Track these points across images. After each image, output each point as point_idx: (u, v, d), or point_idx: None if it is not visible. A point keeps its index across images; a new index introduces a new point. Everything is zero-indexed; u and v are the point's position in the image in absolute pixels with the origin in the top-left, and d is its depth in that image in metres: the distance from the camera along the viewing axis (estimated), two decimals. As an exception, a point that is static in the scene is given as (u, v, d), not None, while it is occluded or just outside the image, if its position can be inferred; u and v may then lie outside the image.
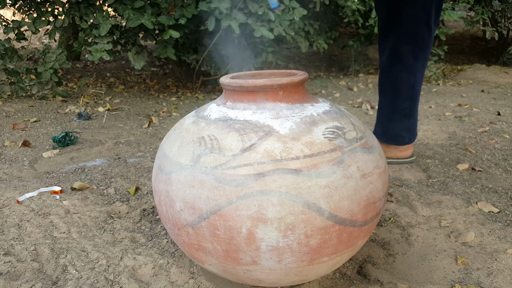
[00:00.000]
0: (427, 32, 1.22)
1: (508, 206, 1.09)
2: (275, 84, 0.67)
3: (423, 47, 1.24)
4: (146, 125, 1.94)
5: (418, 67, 1.26)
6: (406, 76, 1.27)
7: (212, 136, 0.64)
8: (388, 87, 1.32)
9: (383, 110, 1.36)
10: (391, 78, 1.29)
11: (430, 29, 1.22)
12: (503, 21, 3.76)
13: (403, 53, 1.24)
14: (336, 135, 0.65)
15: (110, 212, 1.07)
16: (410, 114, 1.32)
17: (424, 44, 1.23)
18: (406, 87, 1.28)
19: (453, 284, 0.79)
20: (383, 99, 1.35)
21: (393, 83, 1.30)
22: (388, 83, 1.31)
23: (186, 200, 0.63)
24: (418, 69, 1.26)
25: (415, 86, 1.28)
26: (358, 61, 3.69)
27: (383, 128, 1.36)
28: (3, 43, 2.28)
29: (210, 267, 0.69)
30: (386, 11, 1.25)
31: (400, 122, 1.33)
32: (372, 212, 0.66)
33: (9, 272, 0.81)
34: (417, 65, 1.26)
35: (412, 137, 1.36)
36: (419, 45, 1.23)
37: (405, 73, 1.26)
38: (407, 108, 1.31)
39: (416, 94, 1.30)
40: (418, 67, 1.26)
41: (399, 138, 1.35)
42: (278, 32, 2.39)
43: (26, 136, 1.71)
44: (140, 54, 2.57)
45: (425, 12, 1.19)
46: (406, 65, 1.25)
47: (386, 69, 1.30)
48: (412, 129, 1.34)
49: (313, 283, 0.78)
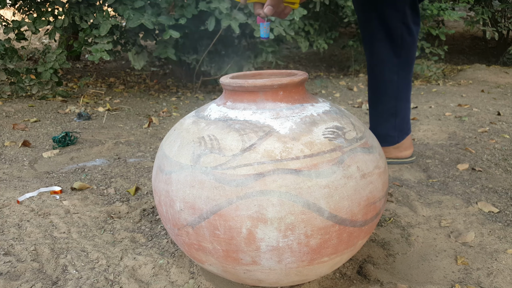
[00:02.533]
0: (406, 31, 1.23)
1: (508, 206, 1.09)
2: (275, 84, 0.67)
3: (404, 46, 1.25)
4: (146, 125, 1.95)
5: (402, 66, 1.27)
6: (389, 75, 1.28)
7: (212, 136, 0.64)
8: (373, 87, 1.34)
9: (371, 110, 1.38)
10: (375, 78, 1.32)
11: (409, 28, 1.23)
12: (503, 21, 3.76)
13: (384, 53, 1.26)
14: (336, 135, 0.65)
15: (110, 212, 1.07)
16: (397, 113, 1.33)
17: (404, 43, 1.25)
18: (390, 86, 1.29)
19: (453, 284, 0.79)
20: (370, 99, 1.37)
21: (377, 83, 1.31)
22: (373, 83, 1.33)
23: (186, 200, 0.63)
24: (401, 68, 1.28)
25: (399, 85, 1.29)
26: (358, 61, 3.69)
27: (373, 128, 1.38)
28: (3, 43, 2.27)
29: (210, 267, 0.69)
30: (363, 12, 1.27)
31: (387, 122, 1.34)
32: (372, 212, 0.66)
33: (9, 272, 0.81)
34: (400, 64, 1.27)
35: (401, 135, 1.36)
36: (399, 45, 1.25)
37: (387, 72, 1.28)
38: (392, 107, 1.32)
39: (401, 93, 1.31)
40: (402, 65, 1.27)
41: (388, 138, 1.36)
42: (278, 32, 2.39)
43: (26, 136, 1.71)
44: (140, 54, 2.57)
45: (399, 12, 1.21)
46: (389, 64, 1.27)
47: (370, 70, 1.32)
48: (400, 128, 1.35)
49: (313, 283, 0.78)
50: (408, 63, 1.28)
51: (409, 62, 1.29)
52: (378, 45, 1.27)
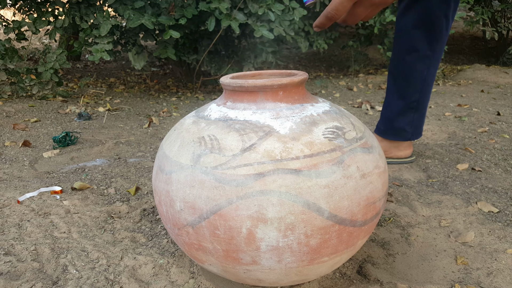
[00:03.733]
0: (445, 24, 1.20)
1: (508, 206, 1.10)
2: (275, 84, 0.67)
3: (440, 40, 1.22)
4: (146, 125, 1.95)
5: (432, 61, 1.25)
6: (421, 67, 1.24)
7: (212, 136, 0.64)
8: (401, 77, 1.29)
9: (390, 100, 1.34)
10: (405, 65, 1.26)
11: (448, 21, 1.21)
12: (503, 21, 3.76)
13: (420, 42, 1.22)
14: (336, 135, 0.65)
15: (110, 212, 1.07)
16: (417, 108, 1.30)
17: (440, 36, 1.22)
18: (419, 78, 1.26)
19: (453, 284, 0.79)
20: (393, 86, 1.32)
21: (407, 71, 1.27)
22: (402, 70, 1.28)
23: (186, 200, 0.63)
24: (432, 63, 1.25)
25: (427, 79, 1.26)
26: (358, 61, 3.69)
27: (389, 121, 1.34)
28: (4, 43, 2.28)
29: (210, 267, 0.69)
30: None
31: (405, 116, 1.31)
32: (372, 212, 0.66)
33: (9, 272, 0.81)
34: (432, 58, 1.24)
35: (415, 133, 1.35)
36: (437, 37, 1.21)
37: (420, 63, 1.24)
38: (415, 101, 1.29)
39: (427, 88, 1.28)
40: (433, 60, 1.24)
41: (402, 132, 1.33)
42: (278, 32, 2.39)
43: (26, 136, 1.71)
44: (140, 54, 2.57)
45: (444, 3, 1.17)
46: (422, 56, 1.23)
47: (401, 58, 1.27)
48: (416, 125, 1.33)
49: (313, 283, 0.78)
50: (438, 58, 1.26)
51: (439, 58, 1.26)
52: (415, 35, 1.21)
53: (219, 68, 2.72)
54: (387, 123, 1.35)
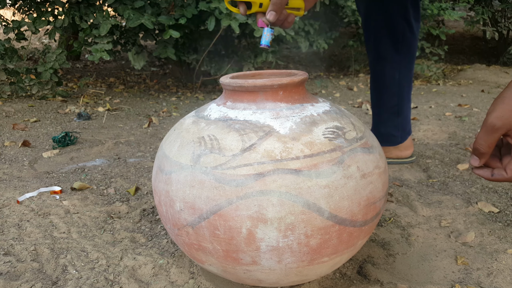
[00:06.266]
0: (407, 27, 1.22)
1: (508, 206, 1.09)
2: (275, 84, 0.67)
3: (405, 43, 1.24)
4: (146, 125, 1.94)
5: (403, 63, 1.26)
6: (390, 72, 1.27)
7: (212, 136, 0.64)
8: (375, 85, 1.33)
9: (373, 110, 1.37)
10: (376, 75, 1.30)
11: (410, 24, 1.23)
12: (503, 21, 3.76)
13: (385, 49, 1.25)
14: (336, 135, 0.65)
15: (110, 212, 1.07)
16: (399, 112, 1.32)
17: (405, 39, 1.24)
18: (391, 83, 1.28)
19: (453, 284, 0.79)
20: (372, 97, 1.36)
21: (379, 80, 1.30)
22: (375, 81, 1.32)
23: (186, 200, 0.63)
24: (403, 65, 1.27)
25: (400, 82, 1.28)
26: (358, 61, 3.69)
27: (376, 128, 1.37)
28: (3, 43, 2.27)
29: (210, 267, 0.69)
30: (364, 7, 1.26)
31: (389, 121, 1.33)
32: (372, 212, 0.66)
33: (9, 272, 0.81)
34: (401, 61, 1.26)
35: (404, 135, 1.36)
36: (400, 41, 1.23)
37: (388, 68, 1.27)
38: (395, 105, 1.31)
39: (403, 91, 1.30)
40: (403, 63, 1.26)
41: (391, 138, 1.35)
42: (278, 32, 2.39)
43: (26, 136, 1.71)
44: (140, 54, 2.57)
45: (401, 6, 1.20)
46: (390, 61, 1.26)
47: (372, 67, 1.31)
48: (403, 127, 1.34)
49: (313, 283, 0.78)
50: (409, 60, 1.27)
51: (410, 60, 1.28)
52: (379, 42, 1.25)
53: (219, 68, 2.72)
54: (374, 132, 1.37)
